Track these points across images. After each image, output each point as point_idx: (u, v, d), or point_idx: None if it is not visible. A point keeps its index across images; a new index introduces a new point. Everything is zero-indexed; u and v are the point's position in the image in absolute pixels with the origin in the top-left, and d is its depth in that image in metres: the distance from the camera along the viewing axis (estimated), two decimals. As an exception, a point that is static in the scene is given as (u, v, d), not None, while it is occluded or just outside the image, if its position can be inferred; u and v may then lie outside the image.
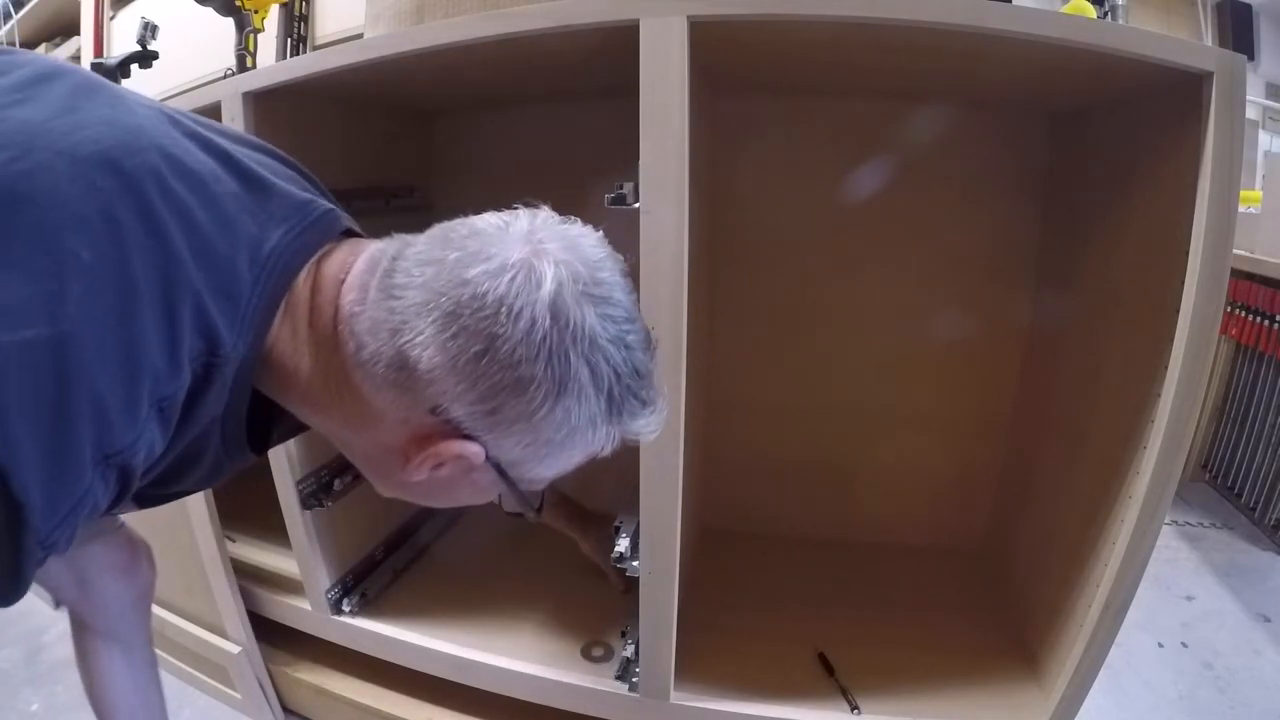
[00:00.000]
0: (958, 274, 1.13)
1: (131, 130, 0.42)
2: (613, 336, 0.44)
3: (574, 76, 0.96)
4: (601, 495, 0.98)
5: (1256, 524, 1.72)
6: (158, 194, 0.41)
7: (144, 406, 0.39)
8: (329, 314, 0.46)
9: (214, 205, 0.44)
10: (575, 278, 0.43)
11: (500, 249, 0.43)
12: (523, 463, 0.47)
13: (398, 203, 1.14)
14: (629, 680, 0.89)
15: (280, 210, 0.48)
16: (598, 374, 0.44)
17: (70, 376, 0.36)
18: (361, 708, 1.05)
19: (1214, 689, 1.19)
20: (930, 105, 1.04)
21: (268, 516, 1.00)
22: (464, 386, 0.43)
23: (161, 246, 0.40)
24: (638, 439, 0.49)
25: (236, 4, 1.25)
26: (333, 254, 0.49)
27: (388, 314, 0.43)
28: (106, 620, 0.83)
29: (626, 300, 0.46)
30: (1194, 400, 0.69)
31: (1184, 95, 0.68)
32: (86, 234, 0.37)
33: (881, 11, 0.63)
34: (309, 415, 0.51)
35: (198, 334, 0.41)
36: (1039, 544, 1.02)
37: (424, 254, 0.44)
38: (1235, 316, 1.72)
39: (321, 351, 0.47)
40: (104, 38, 2.41)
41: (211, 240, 0.43)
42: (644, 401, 0.47)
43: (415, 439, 0.46)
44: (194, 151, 0.45)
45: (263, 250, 0.45)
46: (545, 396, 0.43)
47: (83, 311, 0.36)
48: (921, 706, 0.88)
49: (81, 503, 0.37)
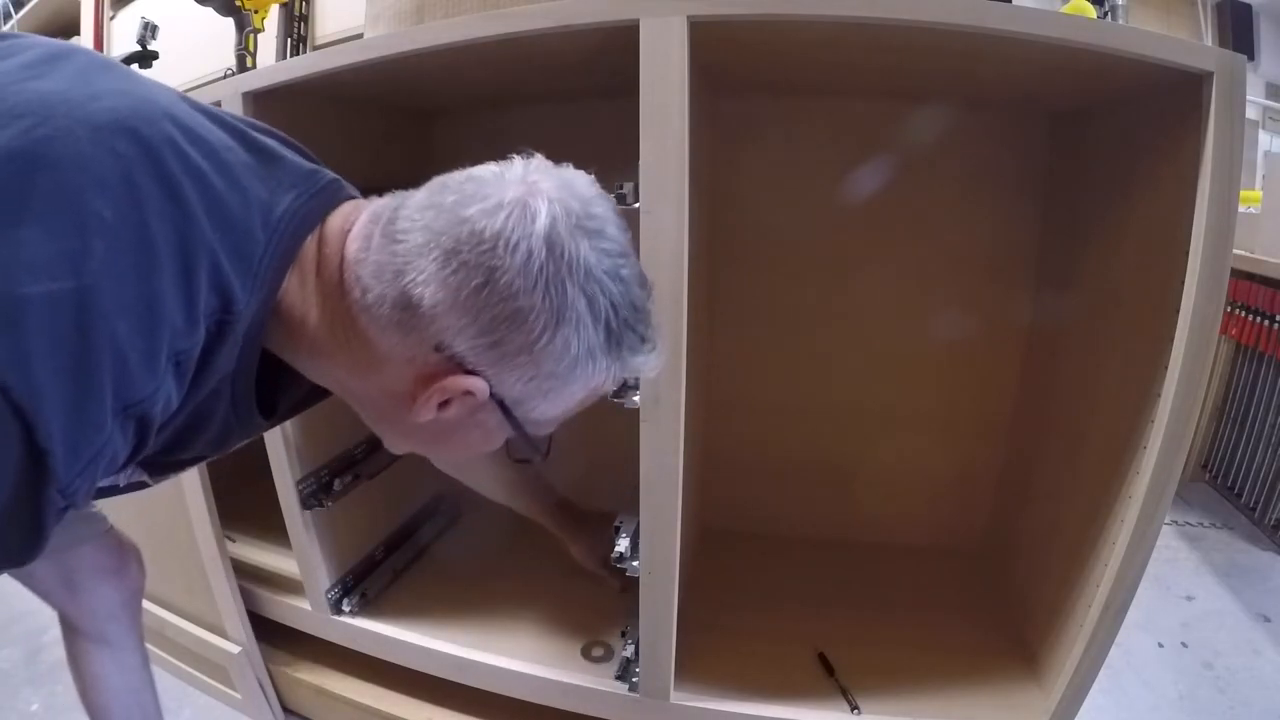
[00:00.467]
0: (958, 274, 1.13)
1: (147, 101, 0.44)
2: (608, 269, 0.46)
3: (574, 76, 0.96)
4: (602, 495, 0.98)
5: (1256, 524, 1.72)
6: (174, 159, 0.42)
7: (162, 359, 0.40)
8: (335, 263, 0.48)
9: (227, 171, 0.45)
10: (569, 212, 0.45)
11: (496, 189, 0.45)
12: (527, 399, 0.48)
13: (398, 203, 1.14)
14: (629, 680, 0.89)
15: (289, 178, 0.49)
16: (595, 304, 0.45)
17: (93, 327, 0.37)
18: (361, 708, 1.05)
19: (1214, 689, 1.19)
20: (930, 105, 1.04)
21: (268, 516, 1.00)
22: (466, 320, 0.44)
23: (179, 209, 0.41)
24: (638, 376, 0.51)
25: (236, 4, 1.25)
26: (338, 212, 0.51)
27: (391, 257, 0.45)
28: (96, 623, 0.83)
29: (620, 236, 0.48)
30: (1194, 400, 0.69)
31: (1184, 95, 0.68)
32: (108, 195, 0.39)
33: (881, 11, 0.63)
34: (317, 367, 0.52)
35: (213, 292, 0.43)
36: (1039, 544, 1.02)
37: (424, 200, 0.47)
38: (1235, 316, 1.72)
39: (329, 300, 0.48)
40: (104, 38, 2.41)
41: (226, 203, 0.44)
42: (643, 338, 0.49)
43: (421, 378, 0.47)
44: (205, 123, 0.47)
45: (274, 213, 0.47)
46: (545, 327, 0.44)
47: (105, 267, 0.37)
48: (921, 706, 0.88)
49: (102, 452, 0.38)
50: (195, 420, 0.48)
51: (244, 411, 0.51)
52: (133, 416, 0.40)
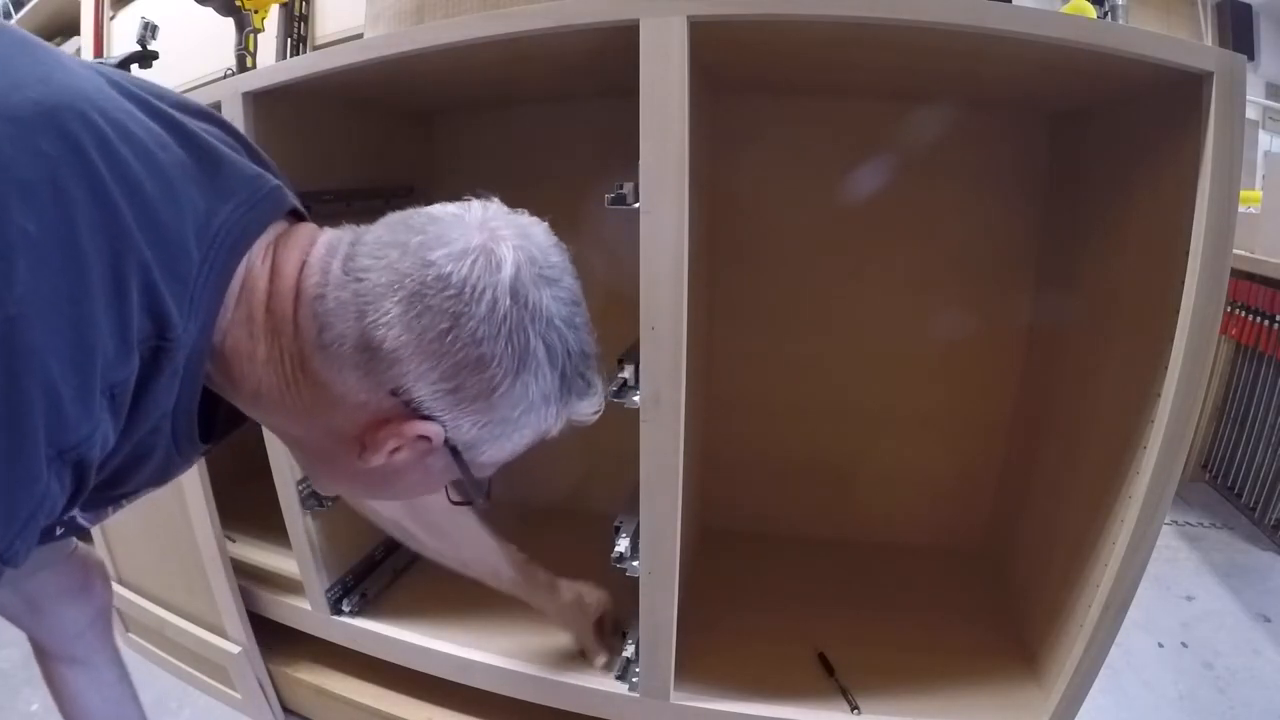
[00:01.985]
0: (958, 274, 1.13)
1: (72, 90, 0.39)
2: (565, 317, 0.47)
3: (574, 76, 0.96)
4: (602, 495, 0.98)
5: (1256, 524, 1.72)
6: (103, 160, 0.38)
7: (97, 394, 0.37)
8: (289, 299, 0.46)
9: (160, 175, 0.41)
10: (531, 260, 0.45)
11: (460, 234, 0.44)
12: (478, 444, 0.48)
13: (397, 203, 1.13)
14: (629, 680, 0.89)
15: (229, 184, 0.46)
16: (553, 351, 0.46)
17: (21, 368, 0.33)
18: (361, 708, 1.05)
19: (1214, 689, 1.19)
20: (930, 105, 1.04)
21: (268, 516, 1.00)
22: (428, 365, 0.44)
23: (109, 217, 0.37)
24: (581, 420, 0.51)
25: (236, 4, 1.25)
26: (289, 239, 0.48)
27: (353, 296, 0.44)
28: (64, 644, 0.82)
29: (574, 284, 0.49)
30: (1194, 400, 0.69)
31: (1184, 95, 0.68)
32: (32, 203, 0.34)
33: (882, 11, 0.63)
34: (258, 409, 0.50)
35: (146, 314, 0.39)
36: (1039, 544, 1.02)
37: (385, 238, 0.45)
38: (1235, 316, 1.72)
39: (279, 337, 0.46)
40: (104, 38, 2.40)
41: (159, 212, 0.40)
42: (589, 383, 0.50)
43: (374, 423, 0.46)
44: (138, 116, 0.42)
45: (210, 226, 0.43)
46: (506, 373, 0.45)
47: (31, 293, 0.33)
48: (921, 706, 0.88)
49: (40, 507, 0.35)
50: (134, 459, 0.45)
51: (186, 447, 0.48)
52: (69, 462, 0.36)
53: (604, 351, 0.79)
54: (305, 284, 0.46)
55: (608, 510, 0.87)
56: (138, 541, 1.17)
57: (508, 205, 0.49)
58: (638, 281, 0.71)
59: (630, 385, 0.77)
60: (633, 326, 0.74)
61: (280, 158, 0.90)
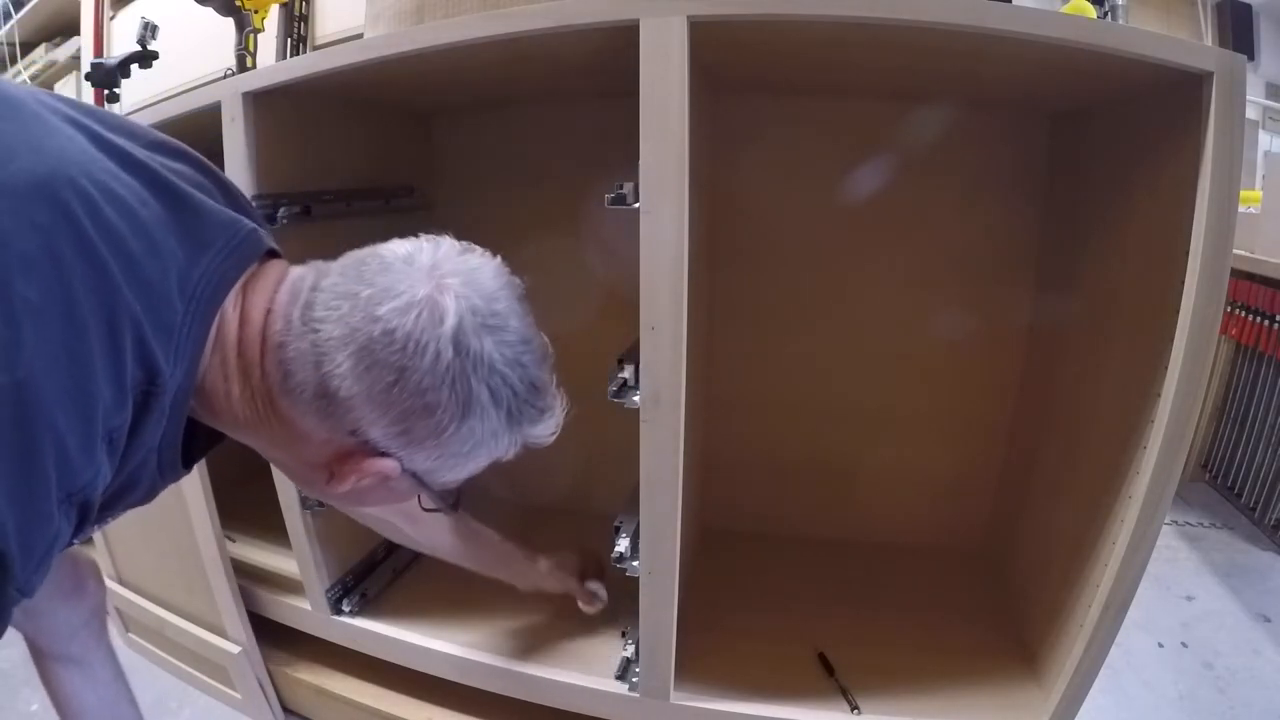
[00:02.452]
0: (958, 274, 1.13)
1: (58, 156, 0.42)
2: (509, 359, 0.49)
3: (574, 76, 0.96)
4: (602, 495, 0.98)
5: (1256, 524, 1.72)
6: (91, 224, 0.41)
7: (99, 440, 0.40)
8: (257, 345, 0.49)
9: (143, 232, 0.44)
10: (474, 310, 0.47)
11: (407, 285, 0.47)
12: (435, 471, 0.53)
13: (397, 203, 1.14)
14: (629, 680, 0.89)
15: (207, 233, 0.49)
16: (497, 395, 0.49)
17: (33, 421, 0.36)
18: (361, 708, 1.05)
19: (1214, 689, 1.19)
20: (930, 105, 1.04)
21: (268, 516, 1.00)
22: (378, 413, 0.47)
23: (101, 278, 0.40)
24: (537, 443, 0.55)
25: (236, 4, 1.25)
26: (257, 282, 0.51)
27: (311, 346, 0.47)
28: (59, 644, 0.83)
29: (521, 325, 0.51)
30: (1194, 400, 0.69)
31: (1184, 95, 0.68)
32: (33, 275, 0.37)
33: (881, 11, 0.63)
34: (240, 435, 0.54)
35: (138, 364, 0.43)
36: (1039, 544, 1.02)
37: (339, 286, 0.48)
38: (1235, 316, 1.72)
39: (250, 379, 0.50)
40: (104, 38, 2.41)
41: (145, 269, 0.43)
42: (541, 410, 0.53)
43: (338, 457, 0.51)
44: (119, 174, 0.45)
45: (191, 277, 0.46)
46: (451, 418, 0.48)
47: (37, 355, 0.37)
48: (921, 706, 0.88)
49: (53, 545, 0.39)
50: (123, 488, 0.48)
51: (169, 474, 0.52)
52: (75, 503, 0.40)
53: (604, 351, 0.80)
54: (270, 330, 0.49)
55: (608, 510, 0.87)
56: (138, 541, 1.17)
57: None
58: (638, 281, 0.71)
59: (630, 385, 0.77)
60: (633, 326, 0.74)
61: (280, 158, 0.90)
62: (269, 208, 0.86)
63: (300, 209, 0.89)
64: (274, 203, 0.87)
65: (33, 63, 2.84)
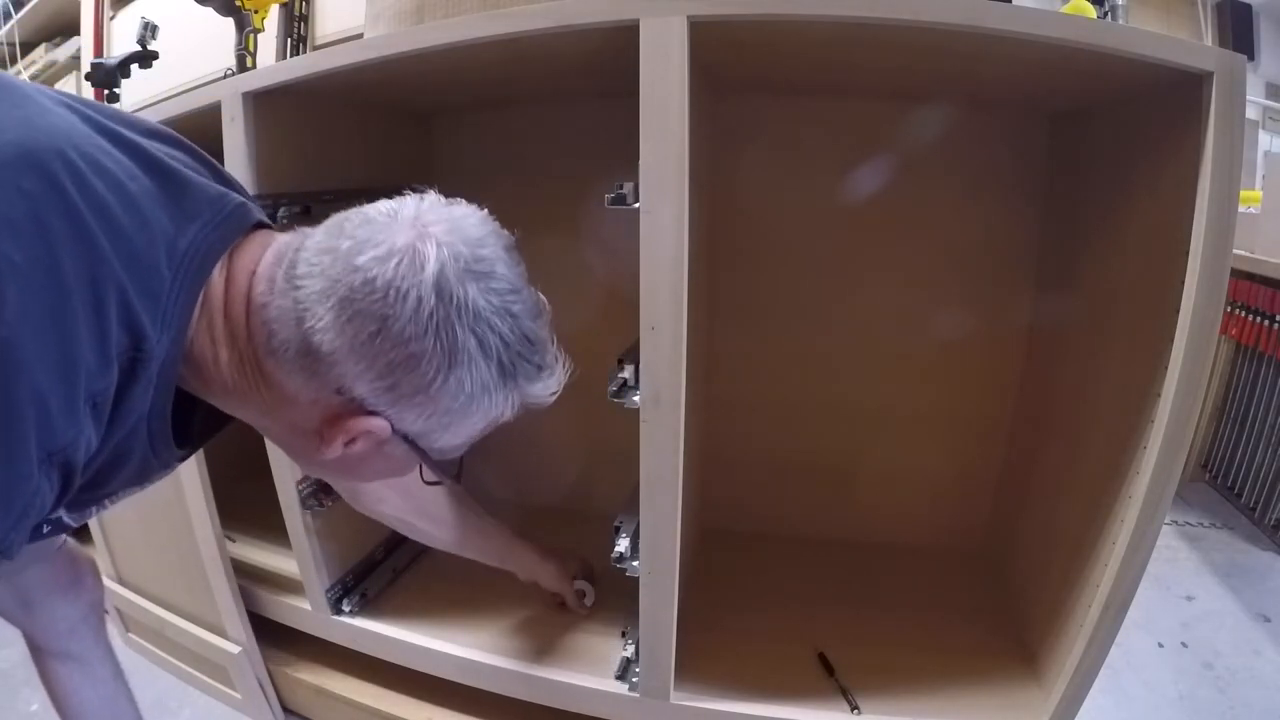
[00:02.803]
0: (958, 274, 1.13)
1: (48, 131, 0.43)
2: (497, 308, 0.47)
3: (574, 76, 0.96)
4: (602, 495, 0.98)
5: (1256, 524, 1.72)
6: (79, 194, 0.42)
7: (81, 403, 0.41)
8: (242, 307, 0.49)
9: (131, 204, 0.45)
10: (457, 257, 0.46)
11: (388, 235, 0.46)
12: (429, 433, 0.50)
13: (398, 203, 1.14)
14: (629, 680, 0.89)
15: (194, 206, 0.49)
16: (485, 344, 0.47)
17: (13, 380, 0.37)
18: (361, 708, 1.05)
19: (1214, 689, 1.19)
20: (930, 105, 1.04)
21: (268, 516, 1.00)
22: (363, 366, 0.46)
23: (87, 246, 0.41)
24: (538, 402, 0.52)
25: (236, 4, 1.25)
26: (243, 247, 0.51)
27: (293, 303, 0.46)
28: (58, 640, 0.83)
29: (510, 273, 0.49)
30: (1194, 400, 0.69)
31: (1184, 95, 0.68)
32: (17, 237, 0.38)
33: (882, 11, 0.63)
34: (231, 405, 0.53)
35: (123, 330, 0.43)
36: (1039, 544, 1.02)
37: (321, 243, 0.47)
38: (1235, 316, 1.72)
39: (237, 342, 0.49)
40: (104, 38, 2.41)
41: (132, 239, 0.44)
42: (539, 366, 0.51)
43: (326, 419, 0.49)
44: (109, 150, 0.46)
45: (179, 247, 0.47)
46: (437, 370, 0.46)
47: (20, 315, 0.37)
48: (921, 706, 0.88)
49: (31, 504, 0.39)
50: (115, 459, 0.48)
51: (161, 449, 0.51)
52: (57, 464, 0.40)
53: (604, 351, 0.80)
54: (254, 292, 0.49)
55: (608, 510, 0.87)
56: (138, 541, 1.17)
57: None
58: (638, 281, 0.71)
59: (630, 385, 0.77)
60: (633, 326, 0.74)
61: (280, 158, 0.90)
62: (269, 208, 0.86)
63: (300, 209, 0.89)
64: (274, 203, 0.87)
65: (33, 63, 2.84)
